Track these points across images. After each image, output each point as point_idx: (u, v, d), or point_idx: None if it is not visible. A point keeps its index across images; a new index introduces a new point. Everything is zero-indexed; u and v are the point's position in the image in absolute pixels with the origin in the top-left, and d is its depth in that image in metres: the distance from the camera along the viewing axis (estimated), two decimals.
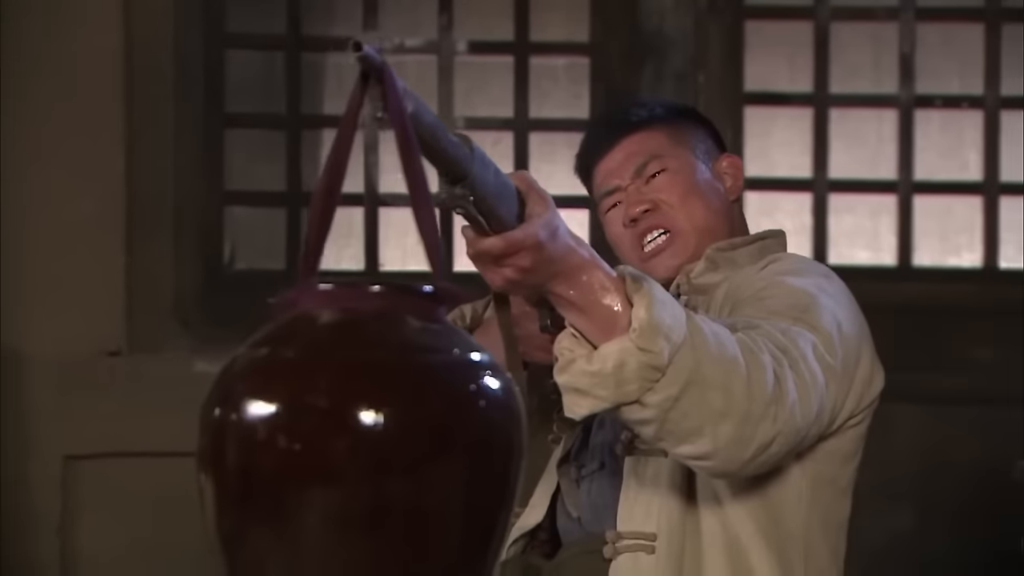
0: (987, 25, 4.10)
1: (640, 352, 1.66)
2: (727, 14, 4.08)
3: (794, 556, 2.07)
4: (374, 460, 1.13)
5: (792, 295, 1.99)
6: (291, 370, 1.17)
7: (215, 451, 1.18)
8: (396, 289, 1.22)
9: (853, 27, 4.13)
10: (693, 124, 2.31)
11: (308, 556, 1.15)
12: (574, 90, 4.14)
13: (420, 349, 1.18)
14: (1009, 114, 4.11)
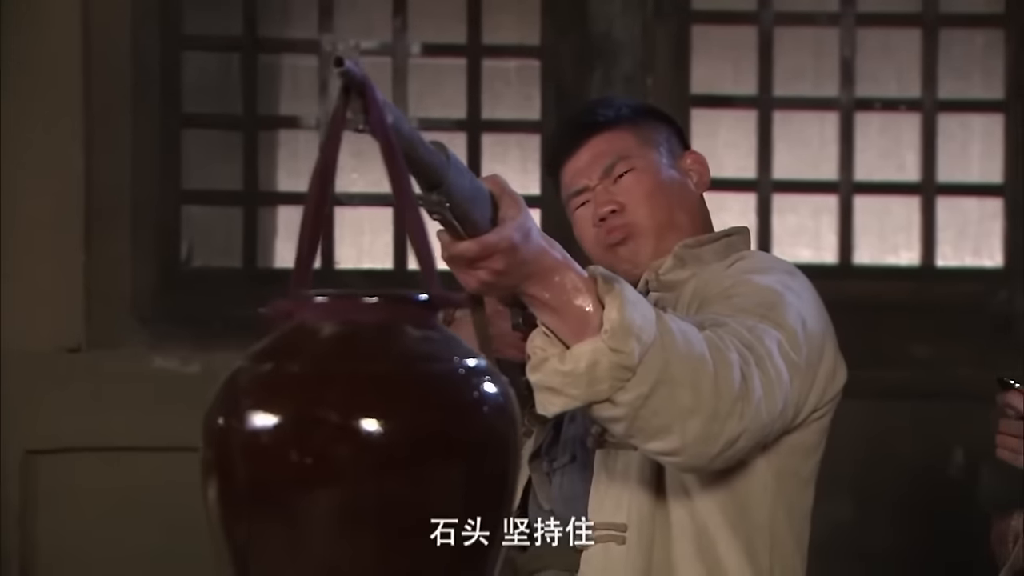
0: (924, 30, 4.14)
1: (612, 352, 1.69)
2: (674, 19, 4.10)
3: (760, 545, 2.11)
4: (384, 469, 1.15)
5: (758, 293, 2.02)
6: (298, 384, 1.18)
7: (224, 462, 1.20)
8: (393, 299, 1.24)
9: (795, 32, 4.15)
10: (658, 123, 2.34)
11: (319, 560, 1.17)
12: (525, 92, 4.15)
13: (422, 358, 1.20)
14: (945, 117, 4.15)
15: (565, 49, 4.09)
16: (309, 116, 4.13)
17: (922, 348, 3.94)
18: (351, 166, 4.17)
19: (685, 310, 2.09)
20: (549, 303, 1.72)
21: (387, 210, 4.12)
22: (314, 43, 4.13)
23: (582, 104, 2.57)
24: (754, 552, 2.10)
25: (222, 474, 1.20)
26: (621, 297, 1.70)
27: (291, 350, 1.21)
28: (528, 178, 4.15)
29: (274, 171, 4.20)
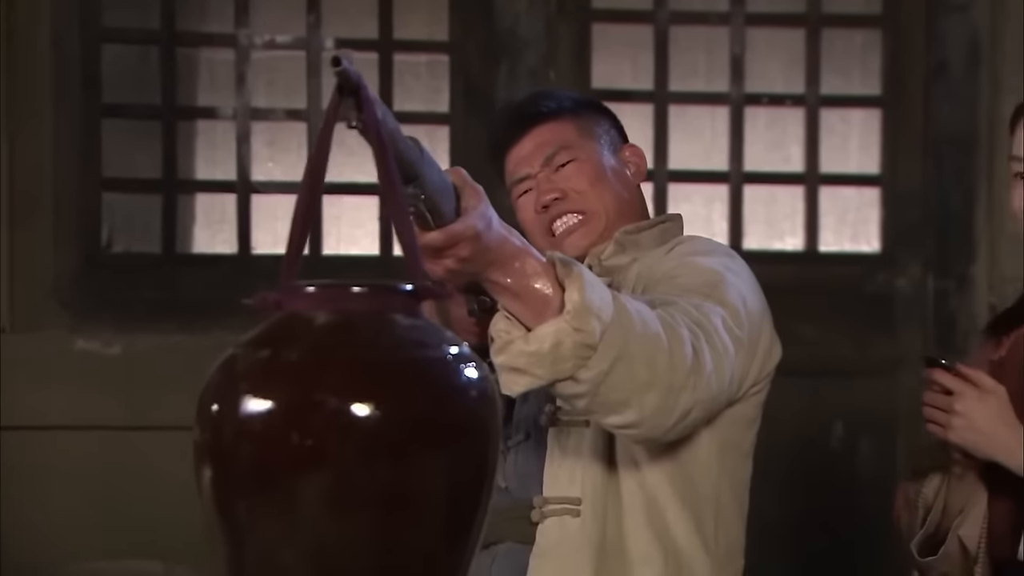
0: (808, 30, 4.21)
1: (575, 332, 1.71)
2: (575, 17, 4.14)
3: (706, 514, 2.14)
4: (379, 450, 1.17)
5: (702, 274, 2.06)
6: (296, 370, 1.20)
7: (222, 444, 1.21)
8: (382, 289, 1.25)
9: (689, 30, 4.20)
10: (598, 115, 2.37)
11: (314, 537, 1.19)
12: (435, 85, 4.17)
13: (412, 345, 1.22)
14: (827, 112, 4.24)
15: (472, 45, 4.11)
16: (226, 107, 4.11)
17: (807, 328, 4.00)
18: (267, 155, 4.16)
19: (630, 292, 2.12)
20: (511, 288, 1.74)
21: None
22: (231, 37, 4.11)
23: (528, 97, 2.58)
24: (701, 520, 2.14)
25: (219, 456, 1.21)
26: (581, 279, 1.73)
27: (287, 337, 1.22)
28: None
29: (192, 160, 4.17)
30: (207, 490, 1.22)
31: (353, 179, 4.13)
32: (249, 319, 3.87)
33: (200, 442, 1.22)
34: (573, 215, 2.27)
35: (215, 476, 1.21)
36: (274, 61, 4.13)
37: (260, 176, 4.13)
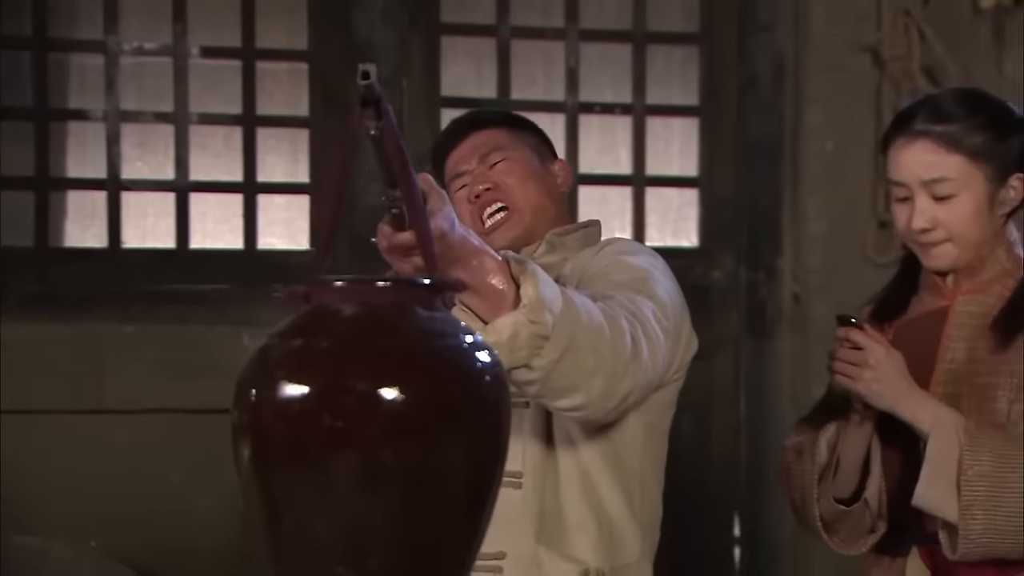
0: (635, 46, 4.32)
1: (530, 324, 1.77)
2: (425, 29, 4.19)
3: (634, 487, 2.22)
4: (405, 430, 1.22)
5: (631, 271, 2.13)
6: (328, 358, 1.24)
7: (260, 426, 1.24)
8: (403, 283, 1.30)
9: (529, 44, 4.28)
10: (529, 130, 2.47)
11: (345, 510, 1.22)
12: (295, 92, 4.18)
13: (433, 335, 1.27)
14: (652, 119, 4.35)
15: (330, 53, 4.13)
16: (97, 110, 4.06)
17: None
18: (135, 155, 4.12)
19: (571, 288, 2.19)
20: (470, 283, 1.78)
21: (168, 195, 4.09)
22: (100, 43, 4.06)
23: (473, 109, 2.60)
24: (629, 493, 2.22)
25: (258, 437, 1.25)
26: (535, 276, 1.78)
27: (318, 328, 1.26)
28: (298, 167, 4.19)
29: (64, 159, 4.11)
30: (246, 468, 1.25)
31: (218, 178, 4.12)
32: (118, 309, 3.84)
33: (239, 424, 1.25)
34: (500, 207, 2.33)
35: (254, 455, 1.24)
36: (142, 66, 4.10)
37: (129, 175, 4.08)
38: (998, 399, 2.35)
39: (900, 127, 2.41)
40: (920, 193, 2.38)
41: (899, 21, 4.16)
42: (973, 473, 2.25)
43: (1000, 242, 2.43)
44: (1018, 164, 2.40)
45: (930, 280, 2.48)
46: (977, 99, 2.42)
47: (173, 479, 3.95)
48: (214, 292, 4.05)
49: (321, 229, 1.36)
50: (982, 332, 2.39)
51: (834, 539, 2.48)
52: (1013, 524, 2.25)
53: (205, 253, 4.11)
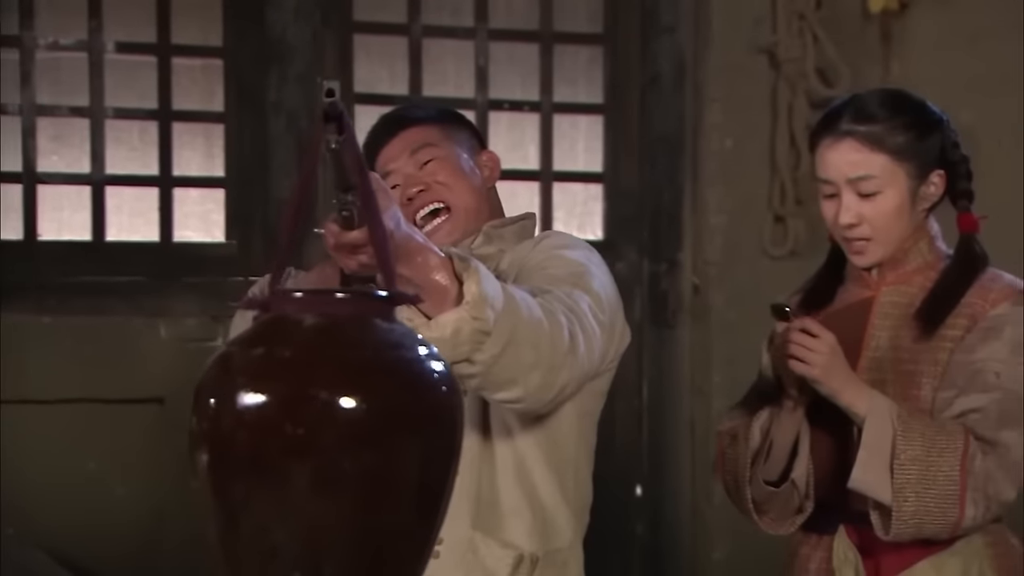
0: (542, 46, 4.33)
1: (473, 320, 1.76)
2: (338, 28, 4.16)
3: (567, 473, 2.23)
4: (365, 439, 1.22)
5: (568, 265, 2.13)
6: (290, 367, 1.23)
7: (220, 433, 1.23)
8: (362, 296, 1.29)
9: (439, 43, 4.27)
10: (459, 124, 2.45)
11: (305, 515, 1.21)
12: (209, 87, 4.12)
13: (391, 346, 1.26)
14: (559, 117, 4.36)
15: (244, 51, 4.08)
16: (12, 104, 3.97)
17: None
18: (51, 149, 4.04)
19: (503, 280, 2.18)
20: (414, 279, 1.77)
21: (84, 188, 4.01)
22: (16, 38, 3.97)
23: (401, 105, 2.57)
24: (562, 479, 2.23)
25: (217, 444, 1.24)
26: (478, 274, 1.78)
27: (280, 338, 1.25)
28: (213, 162, 4.13)
29: None
30: (204, 474, 1.24)
31: (134, 172, 4.06)
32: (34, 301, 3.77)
33: (198, 431, 1.24)
34: (435, 207, 2.32)
35: (212, 461, 1.23)
36: (58, 61, 4.01)
37: (45, 168, 4.00)
38: (922, 386, 2.40)
39: (827, 127, 2.45)
40: (846, 190, 2.42)
41: (794, 24, 4.21)
42: (906, 457, 2.30)
43: (922, 235, 2.48)
44: (938, 161, 2.45)
45: (856, 271, 2.53)
46: (899, 100, 2.46)
47: (90, 467, 3.89)
48: (130, 284, 3.99)
49: (280, 239, 1.33)
50: (905, 321, 2.44)
51: (764, 519, 2.52)
52: (941, 506, 2.30)
53: (121, 245, 4.05)
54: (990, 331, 2.39)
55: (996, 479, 2.33)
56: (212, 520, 1.23)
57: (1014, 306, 2.41)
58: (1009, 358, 2.37)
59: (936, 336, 2.41)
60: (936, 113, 2.48)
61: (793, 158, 4.21)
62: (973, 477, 2.31)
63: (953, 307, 2.41)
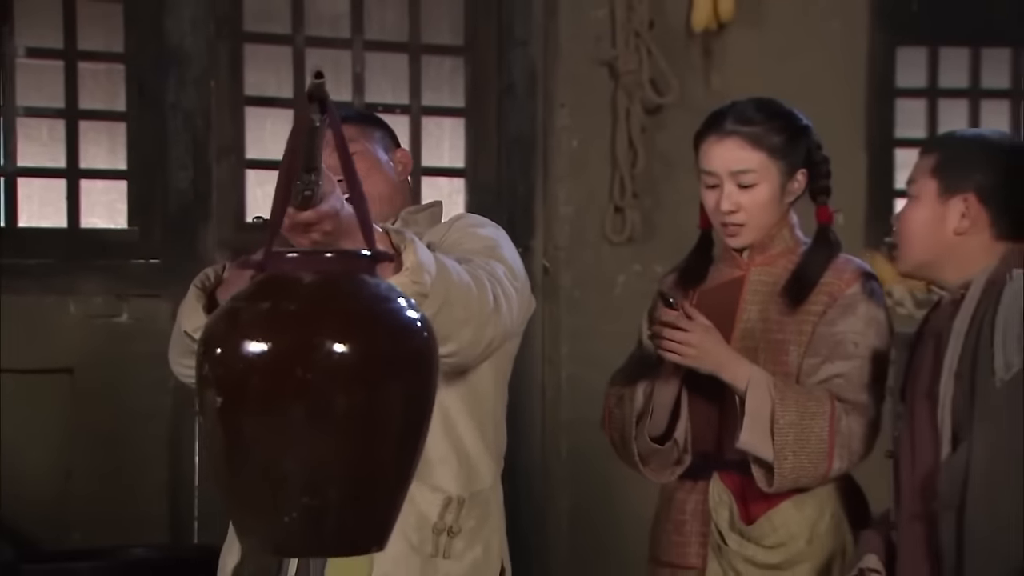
0: (411, 55, 4.36)
1: (412, 284, 1.79)
2: (230, 37, 4.14)
3: (487, 425, 2.26)
4: (365, 379, 1.24)
5: (482, 240, 2.16)
6: (295, 318, 1.24)
7: (231, 378, 1.24)
8: (349, 255, 1.30)
9: (320, 52, 4.28)
10: (375, 124, 2.46)
11: (311, 449, 1.23)
12: (112, 89, 4.06)
13: (380, 299, 1.29)
14: (427, 119, 4.40)
15: (146, 56, 4.03)
16: None
17: None
18: None
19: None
20: None
21: None
22: None
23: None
24: (483, 429, 2.26)
25: (229, 387, 1.25)
26: (414, 244, 1.80)
27: (283, 293, 1.27)
28: (116, 157, 4.08)
29: None
30: (214, 415, 1.25)
31: (44, 164, 3.97)
32: None
33: (208, 377, 1.25)
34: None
35: (225, 403, 1.24)
36: None
37: None
38: (789, 353, 2.50)
39: (712, 127, 2.53)
40: (728, 181, 2.51)
41: (631, 41, 4.30)
42: (784, 423, 2.40)
43: (785, 224, 2.58)
44: (803, 161, 2.55)
45: (727, 254, 2.61)
46: (774, 107, 2.56)
47: (6, 431, 3.79)
48: (41, 266, 3.91)
49: (274, 209, 1.34)
50: (772, 297, 2.53)
51: (647, 470, 2.58)
52: (814, 462, 2.42)
53: (33, 231, 3.99)
54: (847, 307, 2.49)
55: (858, 435, 2.45)
56: (222, 456, 1.25)
57: (865, 285, 2.52)
58: (865, 330, 2.49)
59: (800, 311, 2.51)
60: (803, 120, 2.58)
61: (631, 157, 4.32)
62: (840, 436, 2.42)
63: (814, 286, 2.51)
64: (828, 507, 2.52)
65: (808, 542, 2.49)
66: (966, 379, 2.22)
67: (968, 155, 2.33)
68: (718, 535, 2.53)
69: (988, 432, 2.18)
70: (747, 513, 2.51)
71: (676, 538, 2.59)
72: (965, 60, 4.74)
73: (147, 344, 3.90)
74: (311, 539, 1.23)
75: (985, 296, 2.24)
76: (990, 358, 2.19)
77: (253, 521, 1.27)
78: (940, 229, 2.31)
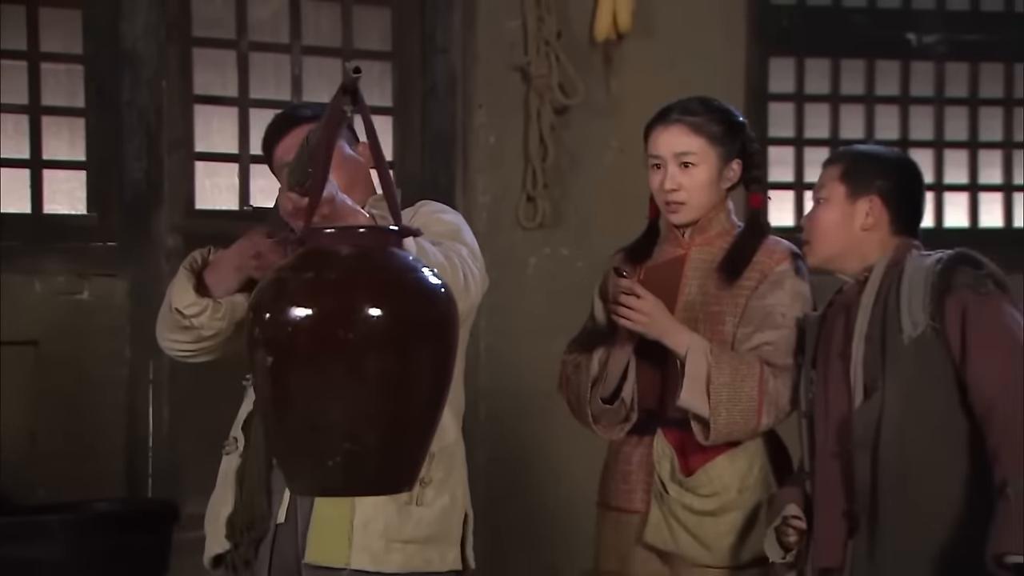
0: (343, 59, 4.36)
1: None
2: (180, 41, 4.14)
3: (452, 395, 2.29)
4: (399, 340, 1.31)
5: (446, 225, 2.23)
6: (337, 286, 1.30)
7: (282, 339, 1.28)
8: (380, 230, 1.36)
9: (262, 56, 4.30)
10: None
11: (352, 398, 1.30)
12: (73, 89, 4.04)
13: (410, 269, 1.37)
14: (358, 118, 4.35)
15: (102, 58, 4.00)
16: None
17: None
18: None
19: None
20: None
21: None
22: None
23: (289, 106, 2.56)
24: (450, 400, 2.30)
25: (278, 347, 1.30)
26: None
27: (324, 264, 1.32)
28: (75, 149, 4.05)
29: None
30: (265, 373, 1.30)
31: (9, 155, 3.93)
32: None
33: (259, 339, 1.30)
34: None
35: (275, 362, 1.29)
36: None
37: None
38: (725, 323, 2.60)
39: (660, 118, 2.63)
40: (671, 163, 2.60)
41: (541, 49, 4.39)
42: (718, 383, 2.49)
43: (722, 208, 2.68)
44: (739, 152, 2.65)
45: (671, 235, 2.70)
46: (714, 103, 2.67)
47: None
48: (7, 248, 3.89)
49: (312, 191, 1.39)
50: (710, 274, 2.63)
51: (599, 427, 2.65)
52: (745, 417, 2.52)
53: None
54: (776, 283, 2.58)
55: (784, 395, 2.53)
56: (272, 409, 1.30)
57: (792, 264, 2.61)
58: (791, 303, 2.58)
59: (735, 286, 2.58)
60: (740, 117, 2.69)
61: (542, 151, 4.40)
62: (767, 395, 2.51)
63: (748, 263, 2.59)
64: (757, 461, 2.59)
65: (739, 492, 2.56)
66: (876, 341, 2.39)
67: (870, 164, 2.52)
68: (660, 484, 2.59)
69: (898, 382, 2.35)
70: (686, 465, 2.58)
71: (623, 486, 2.66)
72: (827, 69, 4.93)
73: (106, 319, 3.92)
74: (352, 480, 1.30)
75: (887, 276, 2.42)
76: (898, 321, 2.37)
77: (300, 466, 1.32)
78: (849, 226, 2.48)
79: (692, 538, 2.56)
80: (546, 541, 4.31)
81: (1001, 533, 2.17)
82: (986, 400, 2.26)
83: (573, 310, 2.92)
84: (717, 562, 2.56)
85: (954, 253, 2.39)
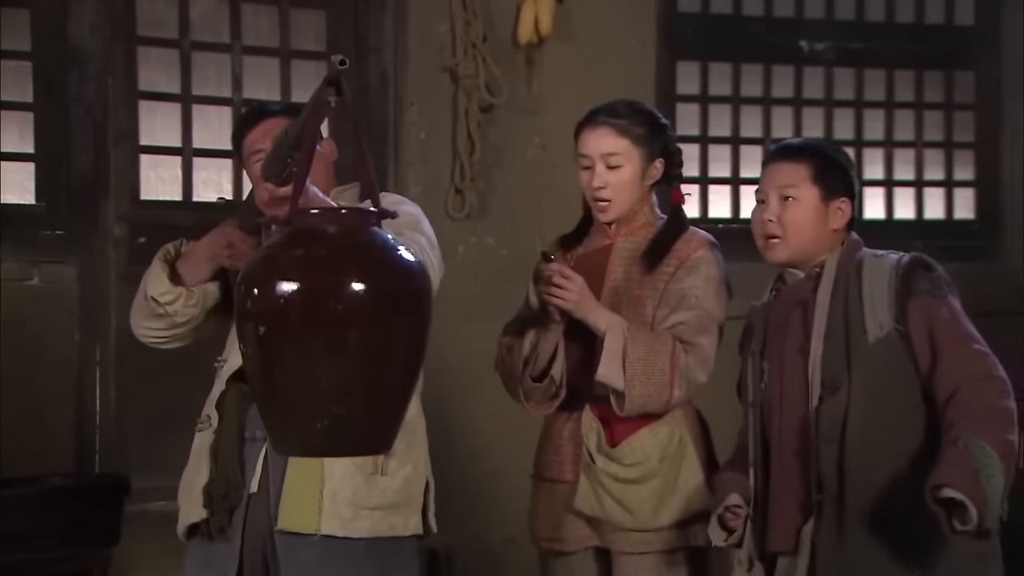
0: (282, 59, 4.37)
1: None
2: (125, 40, 4.08)
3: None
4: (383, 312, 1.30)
5: (406, 216, 2.22)
6: (325, 262, 1.29)
7: (273, 310, 1.27)
8: (362, 211, 1.35)
9: (204, 55, 4.24)
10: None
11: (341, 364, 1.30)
12: (21, 84, 3.97)
13: (390, 247, 1.35)
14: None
15: (50, 55, 3.92)
16: None
17: None
18: None
19: None
20: None
21: None
22: None
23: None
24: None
25: (270, 318, 1.29)
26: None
27: (312, 241, 1.31)
28: (24, 142, 3.95)
29: None
30: (255, 343, 1.28)
31: None
32: None
33: (253, 311, 1.28)
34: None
35: (267, 332, 1.28)
36: None
37: None
38: (646, 306, 2.62)
39: (589, 119, 2.64)
40: (599, 163, 2.61)
41: (469, 51, 4.38)
42: (634, 358, 2.50)
43: (646, 202, 2.70)
44: (661, 152, 2.67)
45: (599, 226, 2.72)
46: (639, 107, 2.68)
47: None
48: None
49: (298, 176, 1.37)
50: (635, 262, 2.66)
51: (530, 404, 2.66)
52: (658, 390, 2.53)
53: None
54: (692, 268, 2.61)
55: (694, 370, 2.55)
56: (263, 376, 1.29)
57: (707, 251, 2.64)
58: (704, 287, 2.60)
59: (655, 272, 2.62)
60: (662, 119, 2.71)
61: (469, 147, 4.39)
62: (679, 369, 2.52)
63: (667, 252, 2.63)
64: (676, 433, 2.62)
65: (660, 461, 2.59)
66: (838, 340, 2.38)
67: (836, 167, 2.52)
68: (588, 455, 2.61)
69: (863, 380, 2.35)
70: (612, 438, 2.61)
71: (554, 458, 2.68)
72: (728, 73, 5.01)
73: (55, 304, 3.86)
74: (336, 442, 1.29)
75: (840, 272, 2.44)
76: (861, 323, 2.37)
77: (290, 429, 1.32)
78: (823, 226, 2.47)
79: (617, 504, 2.58)
80: (473, 511, 4.32)
81: (943, 469, 2.18)
82: (951, 388, 2.28)
83: (499, 295, 2.93)
84: (640, 525, 2.59)
85: (910, 259, 2.41)
